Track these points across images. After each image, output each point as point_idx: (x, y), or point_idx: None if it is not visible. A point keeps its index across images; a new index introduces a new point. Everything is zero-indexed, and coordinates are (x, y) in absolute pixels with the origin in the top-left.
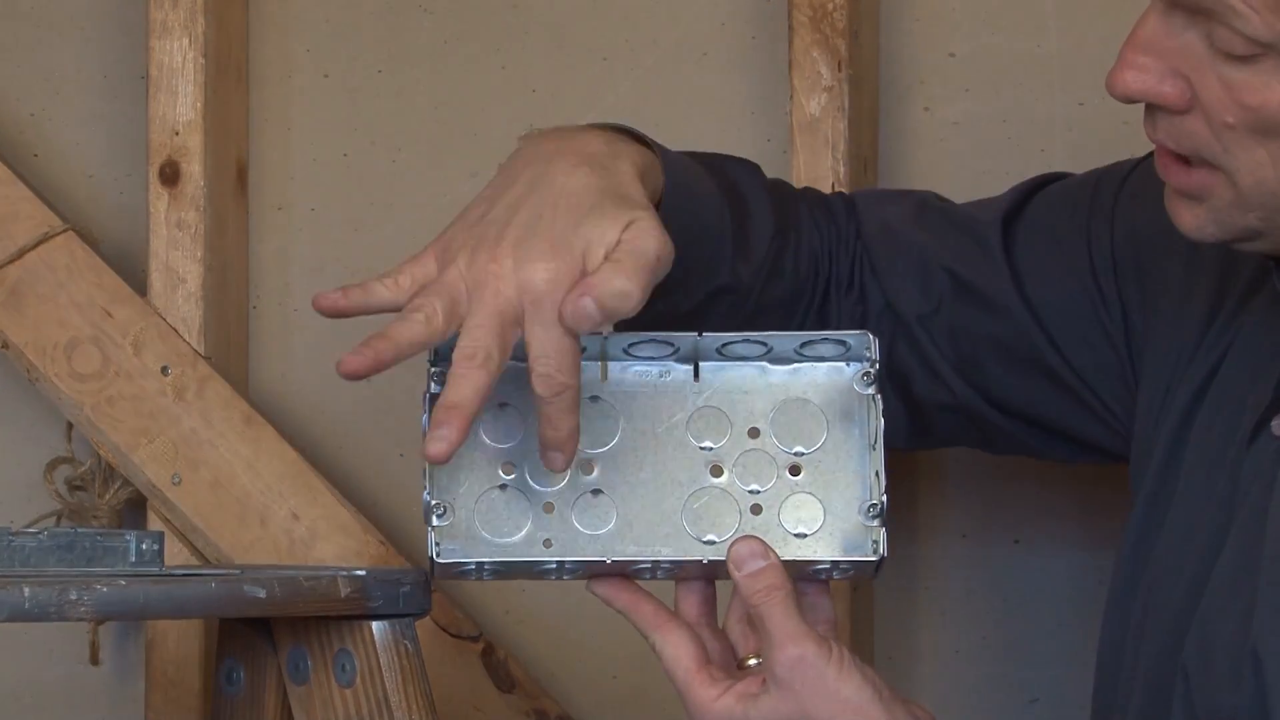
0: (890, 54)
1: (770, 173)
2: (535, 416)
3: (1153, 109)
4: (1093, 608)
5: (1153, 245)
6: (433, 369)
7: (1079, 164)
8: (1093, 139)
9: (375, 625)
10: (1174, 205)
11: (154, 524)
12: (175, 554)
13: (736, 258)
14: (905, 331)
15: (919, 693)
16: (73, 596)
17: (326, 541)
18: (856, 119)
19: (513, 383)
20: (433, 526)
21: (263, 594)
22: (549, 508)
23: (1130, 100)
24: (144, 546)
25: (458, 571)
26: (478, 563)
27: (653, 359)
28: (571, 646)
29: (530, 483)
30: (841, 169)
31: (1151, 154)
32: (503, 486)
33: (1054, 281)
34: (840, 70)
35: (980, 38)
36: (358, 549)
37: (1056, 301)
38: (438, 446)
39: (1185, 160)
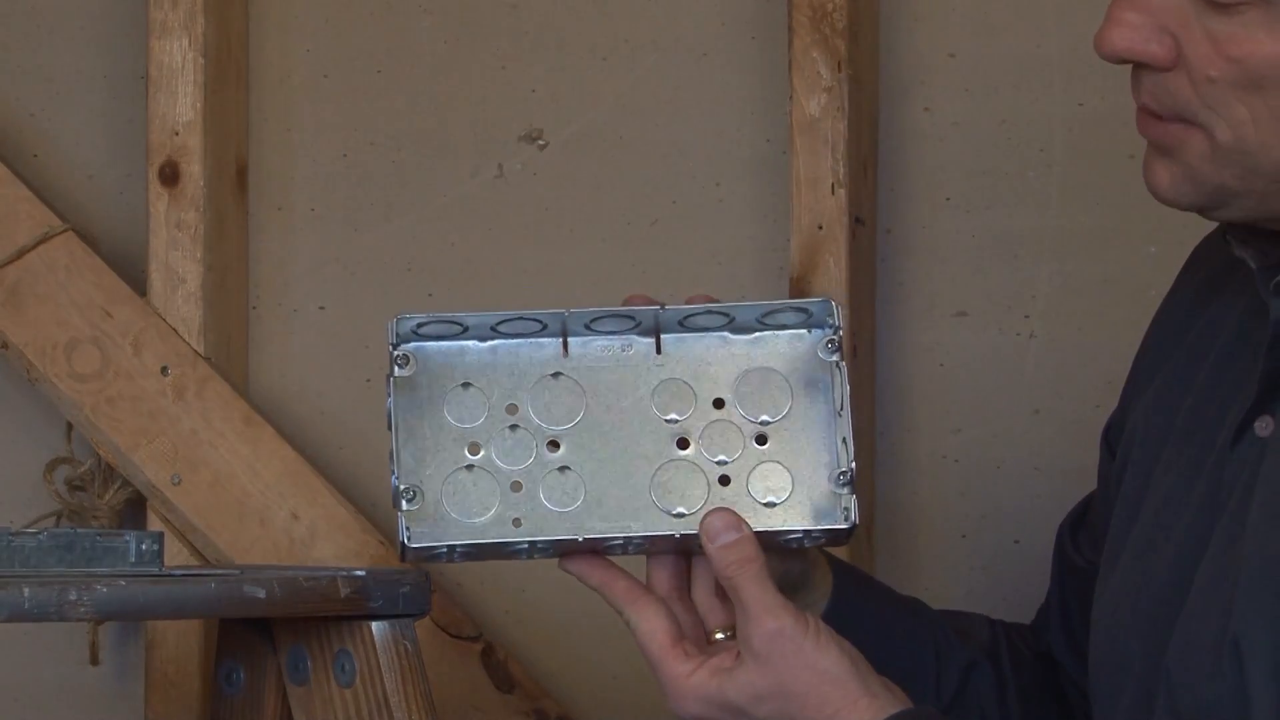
0: (890, 54)
1: (770, 172)
2: (500, 395)
3: (1138, 68)
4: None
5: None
6: (394, 351)
7: (1078, 165)
8: (1092, 140)
9: (375, 625)
10: (1151, 166)
11: (154, 524)
12: (175, 554)
13: None
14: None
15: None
16: (72, 597)
17: (326, 542)
18: (856, 119)
19: (476, 363)
20: (402, 511)
21: (262, 594)
22: (517, 486)
23: (1118, 59)
24: (143, 547)
25: (429, 555)
26: (449, 546)
27: (614, 333)
28: (571, 647)
29: (497, 462)
30: (841, 169)
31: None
32: (469, 467)
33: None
34: (840, 70)
35: (980, 38)
36: (357, 549)
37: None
38: None
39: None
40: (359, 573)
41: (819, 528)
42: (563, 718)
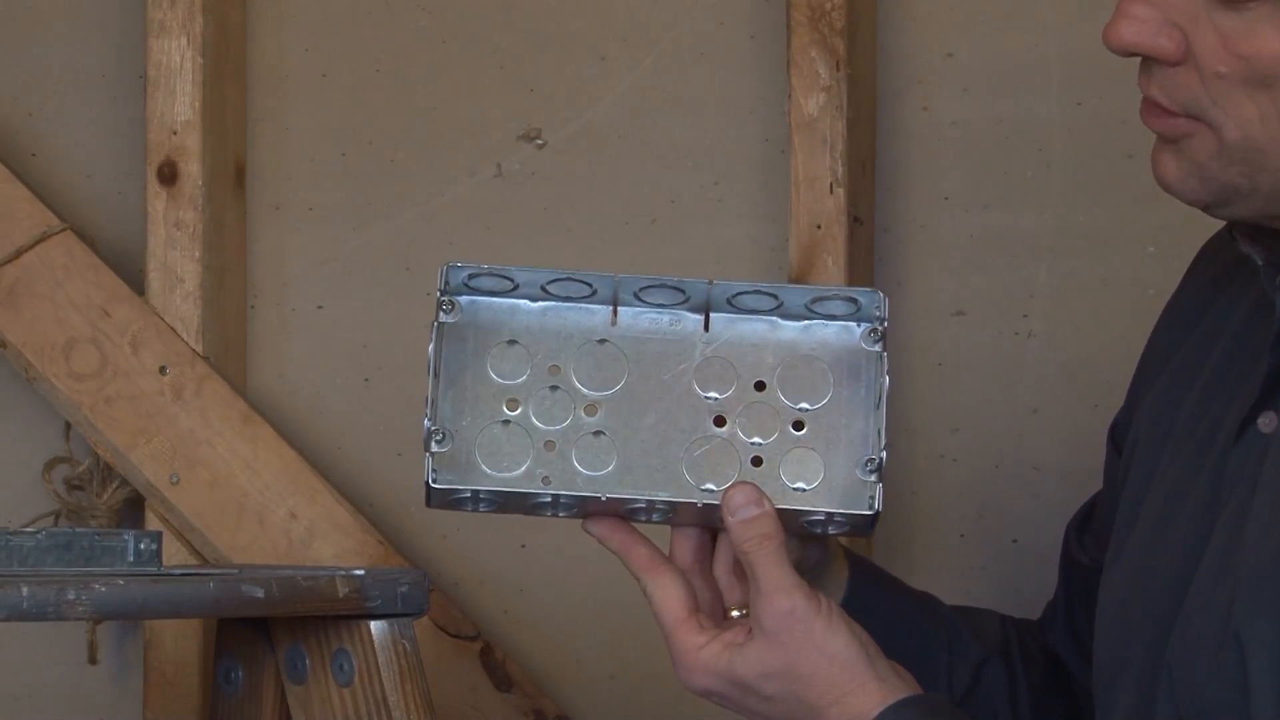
0: (888, 54)
1: (769, 172)
2: (544, 355)
3: (1147, 62)
4: None
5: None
6: (441, 296)
7: (1076, 165)
8: (1090, 140)
9: (373, 625)
10: (1159, 158)
11: (152, 523)
12: (173, 554)
13: None
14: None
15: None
16: (71, 596)
17: (325, 541)
18: (855, 118)
19: (525, 322)
20: (431, 453)
21: (261, 594)
22: (550, 446)
23: (1126, 52)
24: (142, 546)
25: (453, 499)
26: (473, 491)
27: (664, 306)
28: (569, 647)
29: (533, 420)
30: (840, 168)
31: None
32: (505, 422)
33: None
34: (838, 70)
35: (979, 38)
36: (356, 549)
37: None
38: None
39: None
40: (357, 572)
41: (842, 511)
42: (561, 717)
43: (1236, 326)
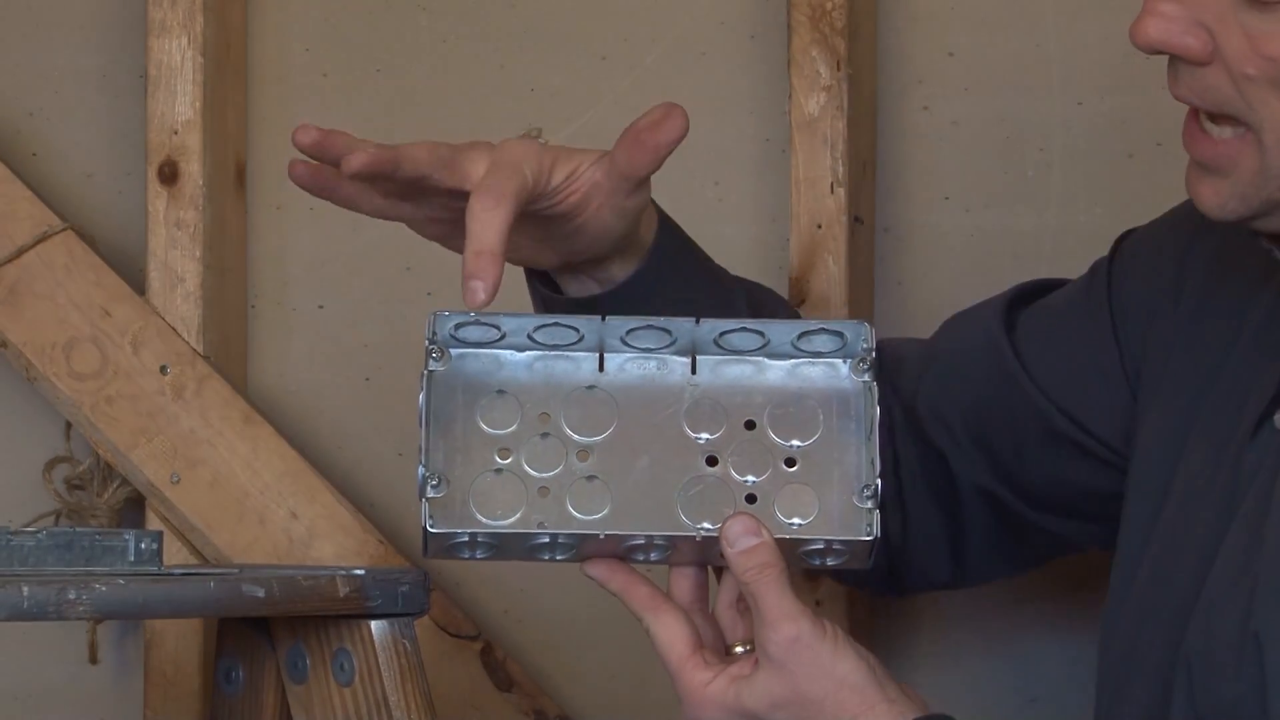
0: (889, 53)
1: (769, 172)
2: (533, 403)
3: (1175, 61)
4: (1093, 606)
5: (1149, 285)
6: (430, 344)
7: (1077, 164)
8: (1092, 139)
9: (374, 624)
10: (1195, 182)
11: (153, 523)
12: (174, 553)
13: None
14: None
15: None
16: (71, 596)
17: (325, 541)
18: (855, 118)
19: (510, 372)
20: (427, 499)
21: (261, 593)
22: (544, 492)
23: (1152, 50)
24: (142, 546)
25: (450, 544)
26: (471, 534)
27: (650, 350)
28: (570, 646)
29: (526, 468)
30: (840, 168)
31: (1130, 231)
32: (498, 471)
33: (1062, 357)
34: (839, 69)
35: (979, 37)
36: (356, 548)
37: (1065, 376)
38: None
39: (1208, 127)
40: (358, 572)
41: (841, 539)
42: (561, 717)
43: (1252, 326)
